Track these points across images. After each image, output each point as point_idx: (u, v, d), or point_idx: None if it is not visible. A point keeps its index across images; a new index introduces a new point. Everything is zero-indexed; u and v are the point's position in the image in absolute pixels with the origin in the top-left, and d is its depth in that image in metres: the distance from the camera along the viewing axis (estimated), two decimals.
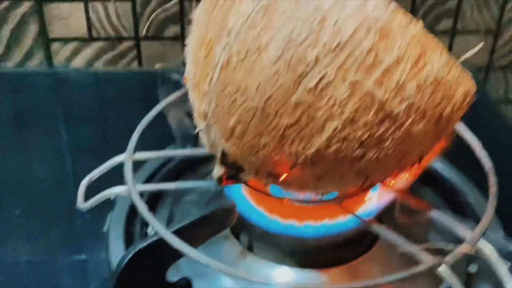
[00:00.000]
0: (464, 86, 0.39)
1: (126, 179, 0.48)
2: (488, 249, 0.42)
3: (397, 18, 0.36)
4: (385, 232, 0.45)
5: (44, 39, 0.88)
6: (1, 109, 0.90)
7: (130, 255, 0.43)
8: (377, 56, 0.35)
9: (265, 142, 0.40)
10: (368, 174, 0.41)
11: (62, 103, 0.89)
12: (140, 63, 0.92)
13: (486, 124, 0.83)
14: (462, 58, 0.39)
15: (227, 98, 0.40)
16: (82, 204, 0.47)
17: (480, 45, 0.39)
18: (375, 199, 0.50)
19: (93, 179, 0.49)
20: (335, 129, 0.37)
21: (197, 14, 0.43)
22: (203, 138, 0.46)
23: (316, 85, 0.36)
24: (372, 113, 0.37)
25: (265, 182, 0.45)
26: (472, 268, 0.50)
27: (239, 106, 0.39)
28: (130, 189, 0.46)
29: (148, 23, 0.84)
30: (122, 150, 0.56)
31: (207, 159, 0.60)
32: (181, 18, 0.88)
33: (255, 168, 0.43)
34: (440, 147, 0.44)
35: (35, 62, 0.90)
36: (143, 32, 0.88)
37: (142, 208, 0.45)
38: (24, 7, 0.86)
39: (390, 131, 0.38)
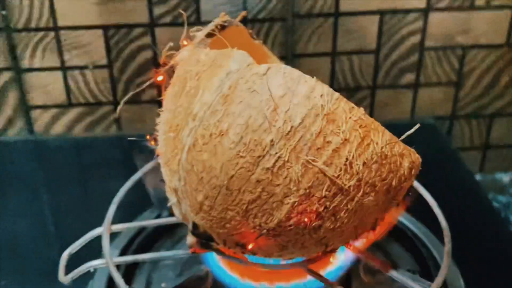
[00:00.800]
0: (408, 159, 0.43)
1: (104, 252, 0.50)
2: None
3: (341, 105, 0.40)
4: None
5: (24, 107, 0.92)
6: None
7: None
8: (326, 139, 0.39)
9: (231, 216, 0.43)
10: (327, 242, 0.44)
11: (43, 169, 0.91)
12: (119, 126, 0.95)
13: (449, 170, 0.87)
14: (403, 137, 0.43)
15: (195, 177, 0.43)
16: (63, 277, 0.49)
17: (416, 126, 0.43)
18: (339, 261, 0.53)
19: (73, 252, 0.52)
20: (293, 204, 0.41)
21: (166, 98, 0.47)
22: (175, 210, 0.49)
23: (273, 165, 0.40)
24: (325, 188, 0.40)
25: (234, 251, 0.48)
26: None
27: (206, 183, 0.42)
28: (108, 263, 0.49)
29: (125, 99, 0.88)
30: (102, 213, 0.59)
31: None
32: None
33: (223, 238, 0.46)
34: (395, 212, 0.48)
35: (16, 130, 0.93)
36: (120, 102, 0.92)
37: (119, 281, 0.48)
38: (4, 76, 0.89)
39: (343, 204, 0.41)
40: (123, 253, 0.61)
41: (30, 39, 0.87)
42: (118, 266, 0.60)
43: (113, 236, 0.64)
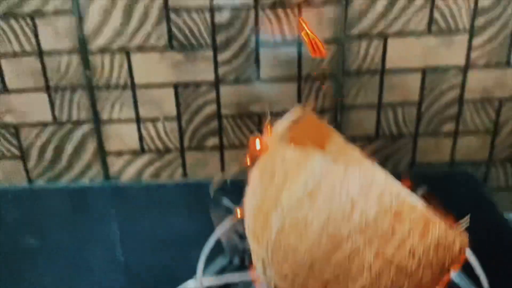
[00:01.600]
0: (459, 243, 0.52)
1: None
2: None
3: (407, 202, 0.49)
4: None
5: (102, 153, 1.03)
6: (64, 215, 1.04)
7: None
8: (394, 231, 0.49)
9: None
10: None
11: (116, 212, 1.03)
12: (184, 170, 1.06)
13: (484, 215, 0.95)
14: (460, 226, 0.52)
15: (282, 253, 0.53)
16: None
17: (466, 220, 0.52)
18: None
19: None
20: (364, 284, 0.51)
21: (254, 181, 0.57)
22: (260, 274, 0.59)
23: (350, 252, 0.49)
24: (392, 272, 0.50)
25: None
26: None
27: (291, 261, 0.52)
28: None
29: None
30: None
31: None
32: (219, 131, 1.03)
33: None
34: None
35: (93, 173, 1.05)
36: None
37: None
38: (85, 127, 1.01)
39: (406, 283, 0.51)
40: None
41: (110, 95, 0.98)
42: None
43: None
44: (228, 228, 0.76)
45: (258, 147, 0.60)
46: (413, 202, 0.49)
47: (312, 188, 0.50)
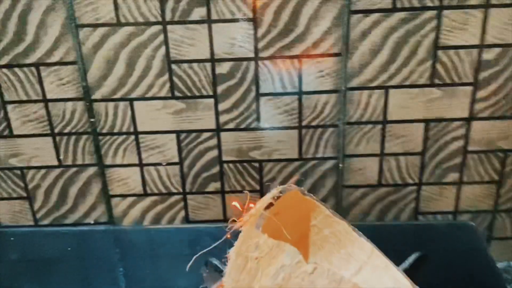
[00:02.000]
0: None
1: None
2: None
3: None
4: None
5: (106, 196, 1.05)
6: (70, 256, 1.06)
7: None
8: None
9: None
10: None
11: (119, 255, 1.04)
12: (186, 213, 1.07)
13: (486, 277, 0.94)
14: None
15: None
16: None
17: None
18: None
19: None
20: None
21: (231, 264, 0.58)
22: None
23: None
24: None
25: None
26: None
27: None
28: None
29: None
30: None
31: None
32: (221, 177, 1.04)
33: None
34: None
35: (97, 214, 1.07)
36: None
37: None
38: (90, 171, 1.03)
39: None
40: None
41: (113, 141, 1.00)
42: None
43: None
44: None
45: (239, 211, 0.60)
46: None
47: (281, 282, 0.51)
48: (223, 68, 0.95)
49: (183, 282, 0.96)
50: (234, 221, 0.61)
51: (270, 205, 0.60)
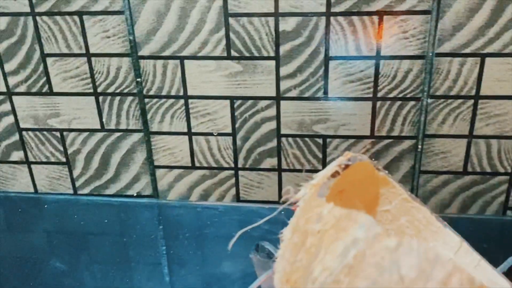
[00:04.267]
0: None
1: None
2: None
3: None
4: None
5: (150, 166, 0.94)
6: (109, 229, 0.96)
7: None
8: None
9: None
10: None
11: (163, 230, 0.94)
12: (237, 191, 0.95)
13: None
14: None
15: None
16: None
17: None
18: None
19: None
20: None
21: (285, 244, 0.45)
22: None
23: None
24: None
25: None
26: None
27: None
28: None
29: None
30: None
31: None
32: (278, 153, 0.91)
33: None
34: None
35: (141, 186, 0.96)
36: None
37: None
38: (134, 137, 0.92)
39: None
40: None
41: (161, 105, 0.89)
42: None
43: None
44: (269, 278, 0.64)
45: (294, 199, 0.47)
46: None
47: (352, 261, 0.37)
48: (288, 25, 0.82)
49: (229, 266, 0.85)
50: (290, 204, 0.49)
51: (335, 174, 0.46)
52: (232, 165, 0.93)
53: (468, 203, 0.91)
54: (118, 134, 0.93)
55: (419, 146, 0.88)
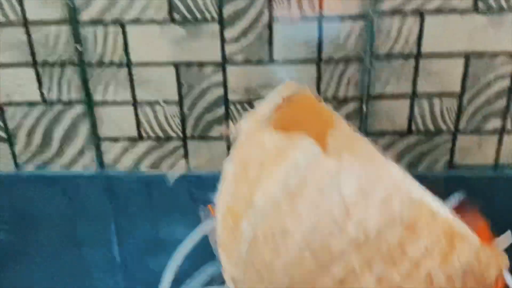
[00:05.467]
0: (495, 268, 0.38)
1: None
2: None
3: (424, 212, 0.35)
4: None
5: (95, 139, 0.92)
6: (54, 207, 0.94)
7: None
8: (404, 250, 0.35)
9: None
10: None
11: (111, 202, 0.92)
12: (187, 161, 0.94)
13: None
14: (499, 246, 0.38)
15: (255, 272, 0.40)
16: None
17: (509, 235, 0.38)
18: None
19: None
20: None
21: (227, 176, 0.44)
22: None
23: (343, 276, 0.36)
24: None
25: None
26: None
27: (266, 282, 0.39)
28: None
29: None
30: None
31: None
32: (226, 119, 0.90)
33: None
34: None
35: (86, 161, 0.94)
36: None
37: None
38: (77, 109, 0.90)
39: None
40: None
41: (103, 74, 0.87)
42: None
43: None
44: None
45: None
46: (434, 211, 0.35)
47: (293, 187, 0.37)
48: None
49: (182, 234, 0.83)
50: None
51: (278, 107, 0.46)
52: (181, 135, 0.92)
53: (415, 163, 0.93)
54: (60, 106, 0.90)
55: (364, 108, 0.89)
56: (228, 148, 0.93)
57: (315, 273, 0.36)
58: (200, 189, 0.86)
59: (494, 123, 0.90)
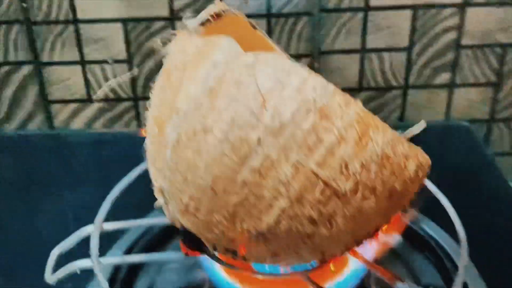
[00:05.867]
0: (415, 161, 0.38)
1: (91, 251, 0.48)
2: None
3: (336, 99, 0.35)
4: None
5: (44, 102, 0.91)
6: (3, 171, 0.92)
7: None
8: (318, 136, 0.35)
9: (217, 220, 0.40)
10: (323, 250, 0.40)
11: (63, 164, 0.90)
12: (139, 123, 0.93)
13: (486, 177, 0.81)
14: (407, 135, 0.39)
15: (179, 176, 0.40)
16: (49, 277, 0.47)
17: (423, 124, 0.38)
18: (347, 272, 0.49)
19: (63, 251, 0.49)
20: (283, 208, 0.37)
21: (153, 92, 0.44)
22: (165, 211, 0.46)
23: (260, 165, 0.36)
24: (318, 191, 0.36)
25: (225, 256, 0.44)
26: None
27: (191, 184, 0.39)
28: (94, 263, 0.46)
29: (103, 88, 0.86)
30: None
31: None
32: None
33: (212, 243, 0.42)
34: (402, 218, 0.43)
35: (36, 124, 0.92)
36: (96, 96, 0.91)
37: (104, 284, 0.45)
38: (24, 70, 0.88)
39: (339, 209, 0.37)
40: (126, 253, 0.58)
41: (50, 32, 0.86)
42: (118, 269, 0.57)
43: (119, 236, 0.62)
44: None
45: None
46: (347, 99, 0.35)
47: (213, 84, 0.37)
48: None
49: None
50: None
51: (206, 22, 0.46)
52: (131, 95, 0.91)
53: None
54: (6, 67, 0.88)
55: (315, 64, 0.89)
56: None
57: (235, 167, 0.36)
58: None
59: (444, 76, 0.91)
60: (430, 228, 0.63)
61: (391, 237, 0.46)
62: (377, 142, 0.36)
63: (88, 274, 0.52)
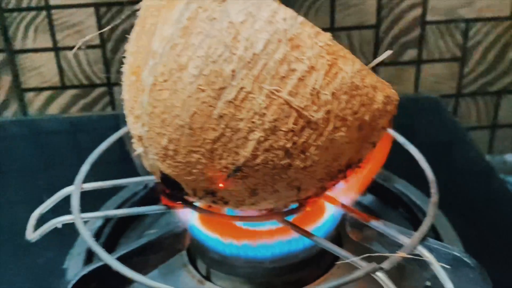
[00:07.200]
0: (383, 93, 0.40)
1: (72, 208, 0.48)
2: (428, 255, 0.43)
3: (306, 29, 0.37)
4: (324, 243, 0.45)
5: (18, 90, 0.91)
6: None
7: (74, 281, 0.44)
8: (290, 66, 0.37)
9: (196, 159, 0.41)
10: (299, 185, 0.41)
11: (38, 151, 0.90)
12: (113, 109, 0.94)
13: (457, 150, 0.83)
14: (372, 64, 0.41)
15: (157, 119, 0.41)
16: (31, 235, 0.47)
17: (388, 52, 0.40)
18: (324, 217, 0.50)
19: (44, 211, 0.50)
20: (258, 140, 0.38)
21: (129, 42, 0.45)
22: (144, 162, 0.47)
23: (235, 98, 0.37)
24: (291, 121, 0.38)
25: (205, 201, 0.45)
26: (428, 283, 0.50)
27: (169, 125, 0.40)
28: (76, 218, 0.47)
29: None
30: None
31: None
32: None
33: (192, 187, 0.43)
34: (375, 158, 0.45)
35: (10, 112, 0.92)
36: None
37: (86, 235, 0.46)
38: None
39: (312, 139, 0.38)
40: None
41: (22, 19, 0.86)
42: (101, 232, 0.58)
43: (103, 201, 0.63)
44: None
45: None
46: (316, 30, 0.37)
47: (186, 23, 0.38)
48: None
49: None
50: None
51: None
52: (105, 81, 0.92)
53: None
54: None
55: None
56: None
57: (211, 102, 0.37)
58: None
59: (411, 53, 0.94)
60: (403, 187, 0.65)
61: (361, 180, 0.47)
62: (347, 71, 0.37)
63: None
